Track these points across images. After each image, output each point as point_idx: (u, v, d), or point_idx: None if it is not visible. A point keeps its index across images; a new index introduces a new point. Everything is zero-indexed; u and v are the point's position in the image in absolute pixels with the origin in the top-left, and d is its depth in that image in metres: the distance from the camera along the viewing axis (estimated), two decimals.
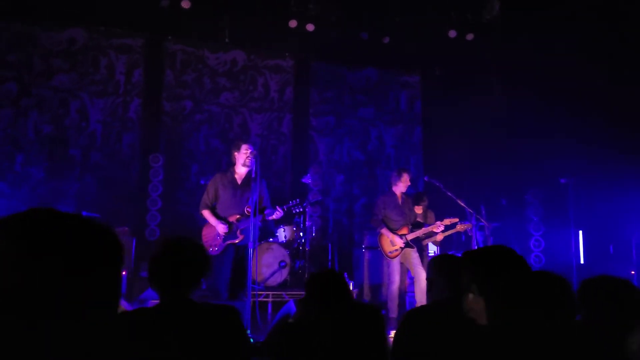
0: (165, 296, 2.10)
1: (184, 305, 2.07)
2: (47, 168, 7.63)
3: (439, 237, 6.41)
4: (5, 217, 0.87)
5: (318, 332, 2.62)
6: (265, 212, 5.29)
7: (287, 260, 6.84)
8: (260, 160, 5.17)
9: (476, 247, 6.40)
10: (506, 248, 1.92)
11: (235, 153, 5.38)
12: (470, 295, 1.90)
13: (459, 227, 6.24)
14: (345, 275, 6.56)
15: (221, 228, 5.23)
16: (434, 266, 2.84)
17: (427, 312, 2.81)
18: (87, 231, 0.86)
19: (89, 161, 7.84)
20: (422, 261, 6.14)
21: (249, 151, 5.31)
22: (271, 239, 7.08)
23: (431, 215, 6.63)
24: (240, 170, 5.40)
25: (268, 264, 6.78)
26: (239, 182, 5.39)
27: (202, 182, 7.45)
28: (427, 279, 2.88)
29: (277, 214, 5.26)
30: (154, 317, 2.05)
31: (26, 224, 0.83)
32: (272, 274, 6.78)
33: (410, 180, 6.26)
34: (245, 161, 5.30)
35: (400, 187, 6.17)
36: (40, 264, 0.78)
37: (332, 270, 3.27)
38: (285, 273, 6.83)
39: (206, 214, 5.36)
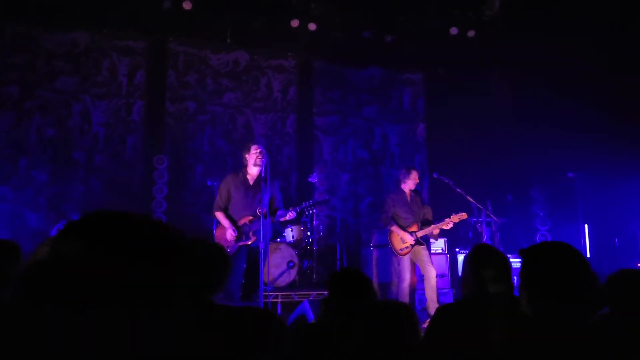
0: (188, 300, 2.08)
1: (205, 308, 2.05)
2: (50, 171, 7.58)
3: (435, 232, 6.39)
4: (75, 220, 0.86)
5: (347, 330, 2.61)
6: (277, 214, 5.29)
7: (296, 260, 6.82)
8: (267, 160, 5.17)
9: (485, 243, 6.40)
10: (563, 244, 1.93)
11: (246, 155, 5.39)
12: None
13: (453, 219, 6.14)
14: None
15: (229, 235, 5.24)
16: (466, 260, 2.82)
17: (456, 308, 2.81)
18: (162, 233, 0.85)
19: (93, 164, 7.80)
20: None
21: (258, 150, 5.32)
22: (279, 239, 7.07)
23: (428, 211, 6.60)
24: (252, 171, 5.40)
25: (276, 264, 6.76)
26: (251, 182, 5.39)
27: (209, 183, 7.43)
28: (462, 272, 2.87)
29: (290, 215, 5.28)
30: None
31: (100, 225, 0.82)
32: (281, 275, 6.76)
33: (419, 178, 6.28)
34: (256, 161, 5.31)
35: (409, 184, 6.19)
36: (117, 263, 0.77)
37: (355, 269, 3.26)
38: (293, 273, 6.82)
39: (219, 216, 5.36)
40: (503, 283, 2.75)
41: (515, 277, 2.60)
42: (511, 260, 7.42)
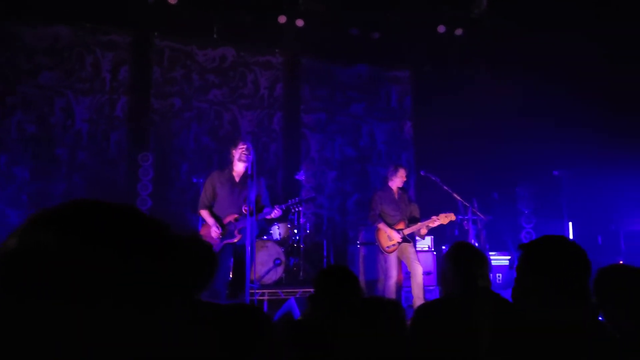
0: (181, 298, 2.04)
1: (193, 307, 2.01)
2: (32, 168, 7.46)
3: (423, 231, 6.39)
4: (49, 208, 0.81)
5: (335, 329, 2.58)
6: (263, 211, 5.25)
7: (282, 257, 6.79)
8: (254, 157, 5.13)
9: (471, 241, 6.43)
10: (563, 238, 1.93)
11: (233, 151, 5.35)
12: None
13: (442, 220, 6.14)
14: None
15: (214, 232, 5.19)
16: (447, 257, 2.81)
17: (440, 306, 2.80)
18: (143, 223, 0.81)
19: (76, 161, 7.68)
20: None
21: (245, 147, 5.28)
22: (265, 237, 7.03)
23: (415, 209, 6.60)
24: (238, 168, 5.35)
25: (263, 261, 6.72)
26: (237, 180, 5.35)
27: (194, 180, 7.36)
28: (441, 270, 2.87)
29: (276, 213, 5.24)
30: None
31: (77, 215, 0.77)
32: (267, 272, 6.72)
33: (407, 176, 6.27)
34: (241, 156, 5.26)
35: (397, 182, 6.19)
36: (97, 255, 0.72)
37: (343, 267, 3.24)
38: (280, 271, 6.79)
39: (204, 214, 5.31)
40: (484, 279, 2.76)
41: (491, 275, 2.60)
42: (496, 257, 7.48)
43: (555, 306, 1.82)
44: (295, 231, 7.32)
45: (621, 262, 7.29)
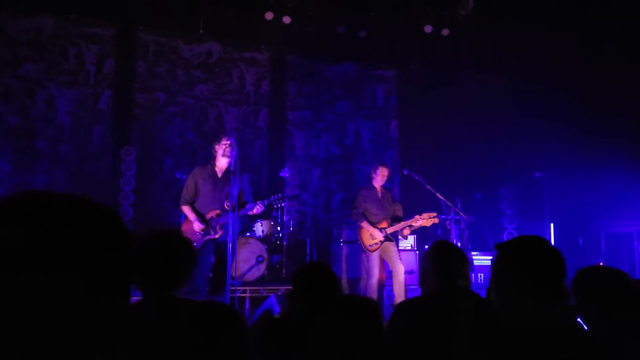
0: (149, 295, 2.00)
1: (167, 303, 1.98)
2: (13, 161, 7.35)
3: (406, 232, 6.40)
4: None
5: (312, 327, 2.57)
6: (246, 207, 5.23)
7: (265, 255, 6.77)
8: (237, 153, 5.10)
9: (453, 241, 6.46)
10: (538, 238, 1.94)
11: (216, 146, 5.31)
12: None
13: (425, 222, 6.15)
14: None
15: (197, 226, 5.16)
16: (428, 255, 2.81)
17: (418, 305, 2.80)
18: (91, 213, 0.79)
19: (58, 154, 7.59)
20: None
21: (228, 142, 5.24)
22: (248, 234, 7.00)
23: (399, 208, 6.61)
24: (221, 163, 5.32)
25: (245, 258, 6.70)
26: (219, 175, 5.31)
27: (178, 175, 7.31)
28: (420, 268, 2.87)
29: (258, 209, 5.21)
30: (134, 314, 1.95)
31: (27, 206, 0.76)
32: (250, 269, 6.71)
33: (388, 174, 6.26)
34: (225, 151, 5.23)
35: (378, 180, 6.19)
36: (46, 247, 0.71)
37: (321, 264, 3.23)
38: (262, 268, 6.77)
39: (186, 209, 5.27)
40: (464, 279, 2.77)
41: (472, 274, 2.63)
42: (478, 257, 7.51)
43: (530, 306, 1.83)
44: (279, 228, 7.30)
45: (601, 263, 7.38)
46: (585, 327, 2.22)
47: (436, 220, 6.20)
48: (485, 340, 2.00)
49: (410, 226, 6.21)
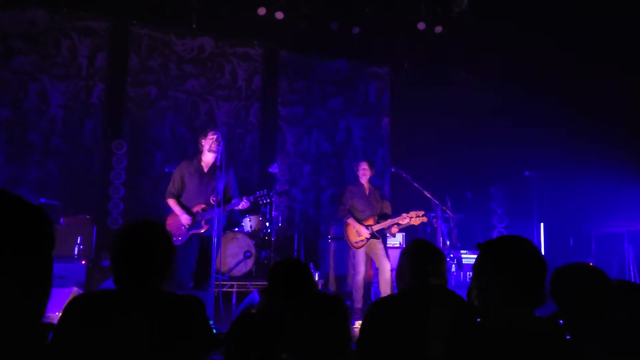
0: (125, 287, 2.01)
1: (144, 293, 1.99)
2: (4, 153, 7.37)
3: (394, 230, 6.36)
4: None
5: (281, 322, 2.59)
6: (232, 202, 5.23)
7: (253, 250, 6.78)
8: (227, 149, 5.10)
9: (441, 239, 6.46)
10: (519, 237, 1.94)
11: (202, 140, 5.31)
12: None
13: (413, 221, 6.14)
14: (311, 265, 6.56)
15: (185, 219, 5.16)
16: (406, 253, 2.81)
17: (393, 302, 2.81)
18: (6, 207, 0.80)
19: (50, 147, 7.60)
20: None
21: (215, 137, 5.24)
22: (236, 229, 7.01)
23: (387, 205, 6.60)
24: (207, 158, 5.32)
25: (233, 253, 6.71)
26: (205, 170, 5.32)
27: (167, 169, 7.32)
28: (397, 265, 2.87)
29: (244, 204, 5.21)
30: (111, 302, 1.96)
31: None
32: (237, 264, 6.71)
33: (371, 169, 6.23)
34: (211, 146, 5.23)
35: (360, 175, 6.20)
36: None
37: (296, 260, 3.23)
38: (250, 263, 6.77)
39: (172, 203, 5.28)
40: (440, 277, 2.78)
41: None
42: (467, 255, 7.50)
43: (508, 305, 1.84)
44: (267, 224, 7.31)
45: (591, 263, 7.38)
46: (562, 326, 2.23)
47: (424, 219, 6.18)
48: (461, 338, 2.00)
49: (398, 224, 6.20)
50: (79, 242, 6.43)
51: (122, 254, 2.01)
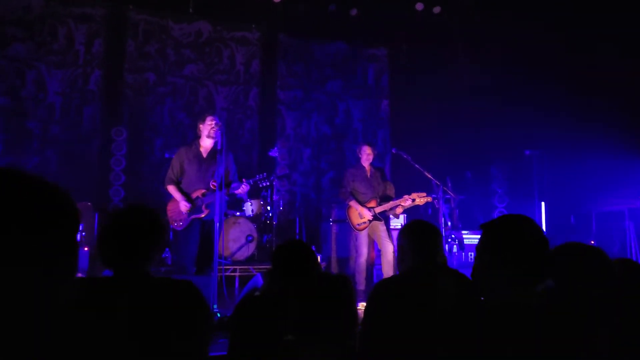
0: (117, 271, 2.01)
1: (136, 278, 1.98)
2: (3, 141, 7.35)
3: (398, 210, 6.39)
4: None
5: (285, 304, 2.59)
6: (231, 186, 5.21)
7: (255, 234, 6.80)
8: (226, 134, 5.06)
9: (442, 220, 6.47)
10: (521, 216, 1.94)
11: (200, 125, 5.27)
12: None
13: (418, 201, 6.18)
14: (314, 248, 6.58)
15: (183, 206, 5.16)
16: (405, 233, 2.81)
17: (398, 282, 2.81)
18: (40, 192, 0.80)
19: (48, 134, 7.58)
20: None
21: (213, 122, 5.20)
22: (238, 213, 7.02)
23: (390, 187, 6.60)
24: (206, 143, 5.29)
25: (235, 238, 6.73)
26: (205, 155, 5.30)
27: (167, 155, 7.31)
28: (398, 246, 2.87)
29: (244, 188, 5.20)
30: (103, 288, 1.96)
31: None
32: (239, 248, 6.74)
33: (373, 152, 6.23)
34: (210, 132, 5.19)
35: (363, 159, 6.18)
36: None
37: (299, 241, 3.23)
38: (252, 247, 6.80)
39: (171, 189, 5.27)
40: (441, 255, 2.79)
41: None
42: (469, 236, 7.51)
43: (511, 284, 1.85)
44: (269, 208, 7.32)
45: (592, 242, 7.41)
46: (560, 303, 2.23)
47: (429, 199, 6.19)
48: (466, 317, 2.01)
49: (401, 205, 6.21)
50: (81, 229, 6.44)
51: (104, 234, 2.02)
